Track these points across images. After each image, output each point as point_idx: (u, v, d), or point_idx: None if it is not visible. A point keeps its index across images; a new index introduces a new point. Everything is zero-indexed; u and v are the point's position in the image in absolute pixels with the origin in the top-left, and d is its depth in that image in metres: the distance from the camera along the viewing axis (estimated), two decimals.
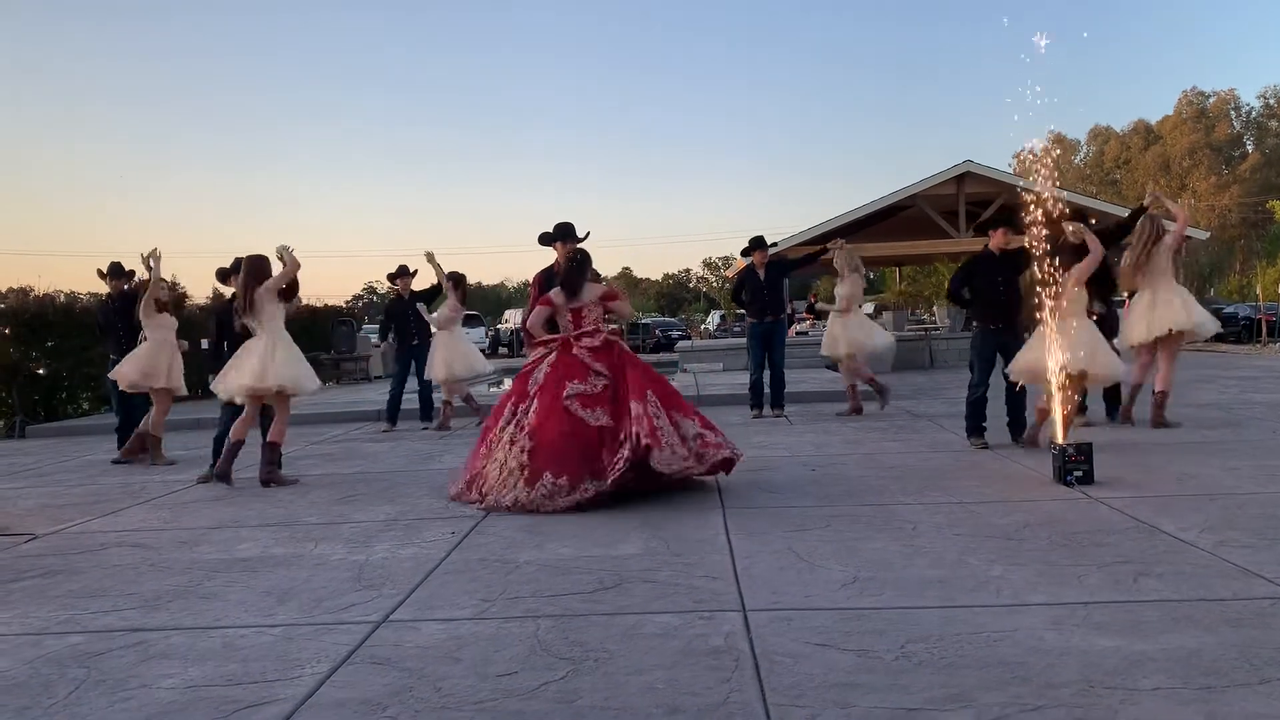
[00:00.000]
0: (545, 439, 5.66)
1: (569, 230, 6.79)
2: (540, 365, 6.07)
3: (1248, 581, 3.65)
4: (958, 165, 21.31)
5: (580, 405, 5.74)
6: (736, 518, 5.14)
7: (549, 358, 6.08)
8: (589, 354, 5.97)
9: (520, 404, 5.98)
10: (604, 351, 6.03)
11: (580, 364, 5.91)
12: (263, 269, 6.94)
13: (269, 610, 3.81)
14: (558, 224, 6.85)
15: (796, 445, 7.83)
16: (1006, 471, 6.25)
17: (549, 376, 5.93)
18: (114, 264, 8.93)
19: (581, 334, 6.12)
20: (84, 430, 11.66)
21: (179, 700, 2.91)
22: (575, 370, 5.87)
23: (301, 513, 5.82)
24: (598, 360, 5.93)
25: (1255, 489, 5.37)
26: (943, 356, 18.02)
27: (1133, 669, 2.82)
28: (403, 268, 10.47)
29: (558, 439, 5.63)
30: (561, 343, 6.13)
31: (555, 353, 6.09)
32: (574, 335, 6.11)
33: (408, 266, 10.48)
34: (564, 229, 6.80)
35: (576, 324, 6.17)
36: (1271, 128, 63.07)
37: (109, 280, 8.91)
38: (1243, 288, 43.08)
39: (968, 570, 3.95)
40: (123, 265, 8.94)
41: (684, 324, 43.30)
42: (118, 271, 8.89)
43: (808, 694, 2.75)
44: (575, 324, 6.17)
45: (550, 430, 5.67)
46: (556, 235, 6.80)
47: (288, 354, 6.87)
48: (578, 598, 3.80)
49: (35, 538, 5.42)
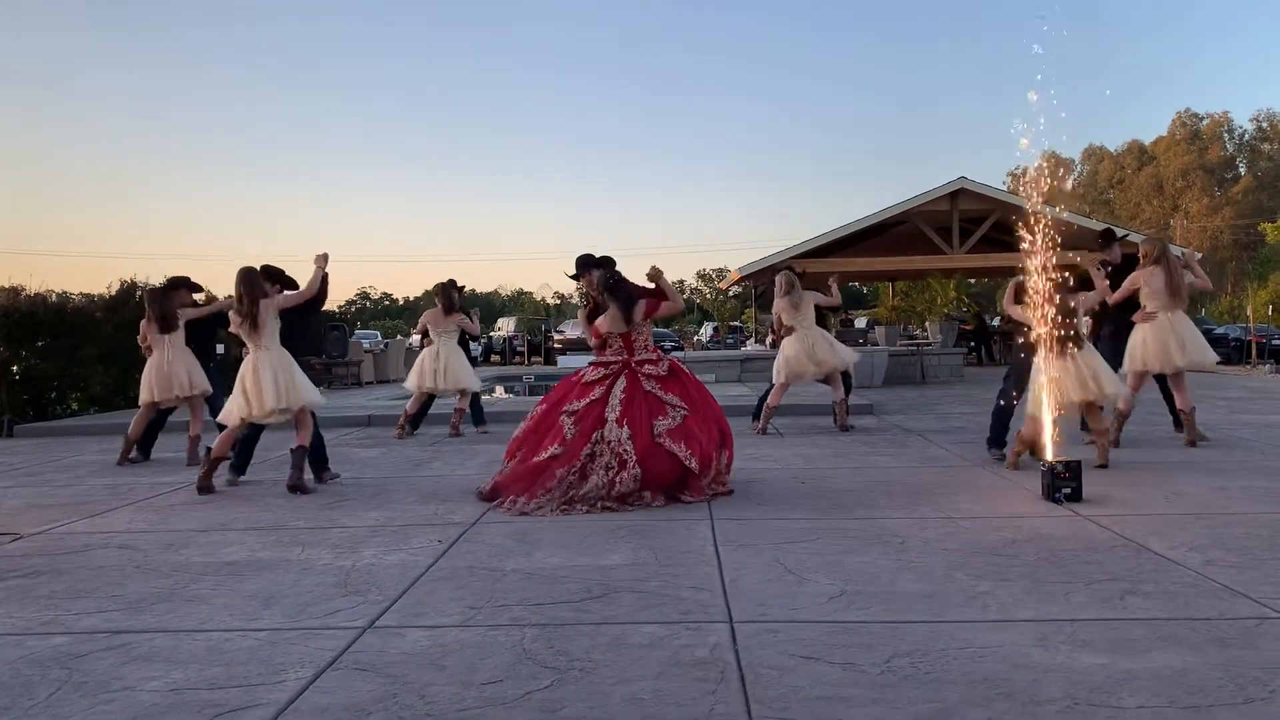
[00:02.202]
0: (653, 473, 5.85)
1: (588, 261, 6.77)
2: (612, 393, 6.09)
3: (1234, 601, 3.66)
4: (952, 182, 21.42)
5: (670, 440, 5.92)
6: (725, 529, 5.14)
7: (619, 385, 6.12)
8: (659, 386, 6.11)
9: (588, 430, 5.99)
10: (672, 381, 6.19)
11: (659, 400, 6.06)
12: (260, 280, 6.78)
13: (254, 614, 3.79)
14: (578, 258, 6.85)
15: (786, 458, 7.84)
16: (996, 488, 6.26)
17: (628, 405, 6.01)
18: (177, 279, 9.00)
19: (643, 359, 6.23)
20: (73, 430, 11.59)
21: (161, 703, 2.89)
22: (657, 409, 6.03)
23: (289, 517, 5.80)
24: (669, 392, 6.11)
25: (1243, 509, 5.38)
26: (934, 372, 18.06)
27: (1118, 687, 2.83)
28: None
29: (659, 472, 5.86)
30: (623, 365, 6.22)
31: (625, 380, 6.15)
32: (635, 360, 6.22)
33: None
34: (584, 261, 6.79)
35: (629, 348, 6.27)
36: (1264, 150, 63.54)
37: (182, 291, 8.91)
38: (1234, 309, 43.25)
39: (955, 585, 3.95)
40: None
41: (677, 335, 43.34)
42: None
43: (793, 706, 2.74)
44: (628, 348, 6.26)
45: (653, 465, 5.85)
46: (578, 269, 6.80)
47: (293, 375, 6.73)
48: (564, 607, 3.79)
49: (20, 538, 5.39)
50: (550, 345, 38.46)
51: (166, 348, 8.38)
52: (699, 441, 5.97)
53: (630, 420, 5.94)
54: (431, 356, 9.96)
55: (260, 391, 6.59)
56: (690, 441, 5.94)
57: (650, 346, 6.36)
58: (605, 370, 6.25)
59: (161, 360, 8.36)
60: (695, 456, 5.89)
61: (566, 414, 6.11)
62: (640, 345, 6.29)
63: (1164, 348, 7.79)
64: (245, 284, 6.67)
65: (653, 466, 5.83)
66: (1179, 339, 7.79)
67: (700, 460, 5.91)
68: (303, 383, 6.80)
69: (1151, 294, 7.90)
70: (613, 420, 5.96)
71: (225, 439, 6.82)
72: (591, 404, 6.09)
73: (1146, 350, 7.84)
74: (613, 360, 6.27)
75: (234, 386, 6.76)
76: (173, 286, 8.81)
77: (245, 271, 6.75)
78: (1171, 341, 7.78)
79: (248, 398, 6.62)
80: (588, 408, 6.08)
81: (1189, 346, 7.81)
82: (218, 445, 6.82)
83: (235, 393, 6.72)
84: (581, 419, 6.03)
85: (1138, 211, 61.92)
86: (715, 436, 6.14)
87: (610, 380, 6.17)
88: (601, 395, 6.11)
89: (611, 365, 6.25)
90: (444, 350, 9.98)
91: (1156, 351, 7.81)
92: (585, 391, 6.18)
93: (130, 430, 8.50)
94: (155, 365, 8.38)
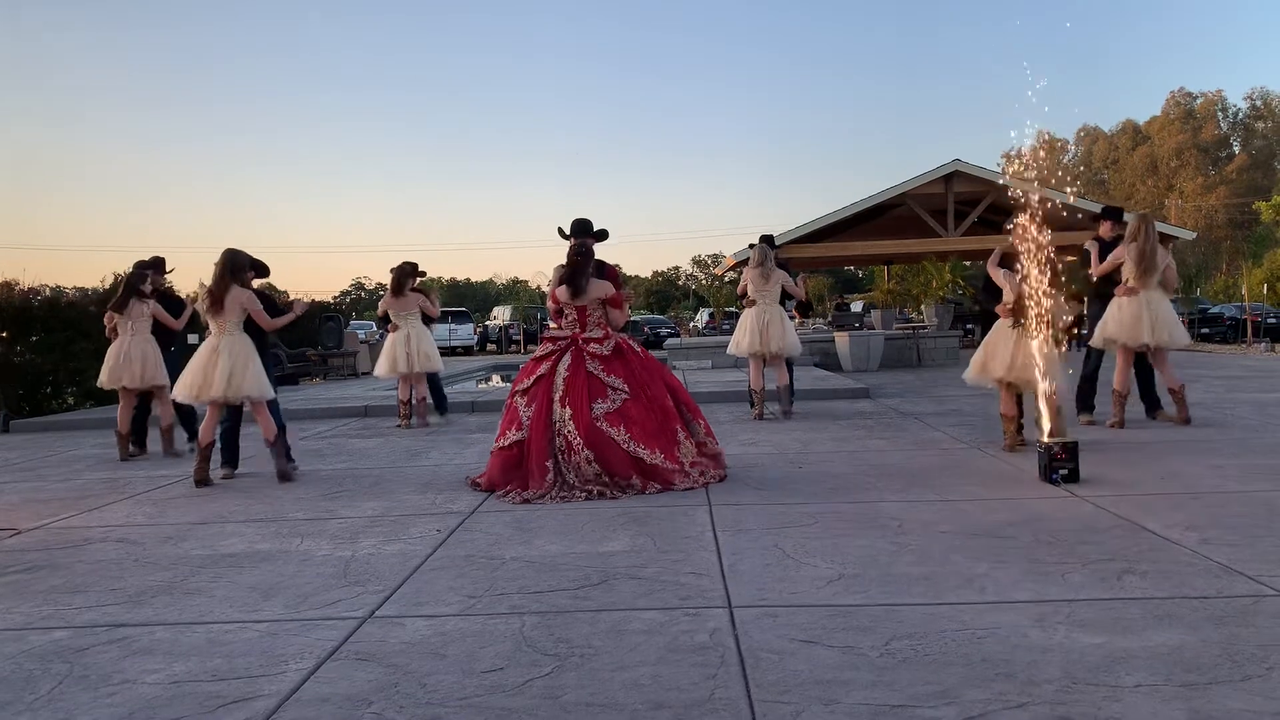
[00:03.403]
0: (603, 457, 5.84)
1: (581, 227, 6.69)
2: (557, 369, 6.12)
3: (1230, 579, 3.68)
4: (946, 164, 21.40)
5: (608, 424, 5.91)
6: (723, 514, 5.15)
7: (564, 362, 6.14)
8: (603, 367, 6.09)
9: (542, 409, 6.01)
10: (617, 361, 6.15)
11: (599, 382, 6.04)
12: (243, 265, 6.86)
13: (254, 606, 3.80)
14: (574, 219, 6.75)
15: (783, 443, 7.85)
16: (992, 470, 6.28)
17: (570, 385, 6.01)
18: (155, 258, 8.94)
19: (589, 338, 6.22)
20: (69, 425, 11.59)
21: (163, 695, 2.90)
22: (597, 390, 6.02)
23: (288, 508, 5.80)
24: (612, 374, 6.08)
25: (1239, 487, 5.40)
26: (930, 355, 18.06)
27: (1116, 666, 2.84)
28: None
29: (609, 456, 5.85)
30: (570, 341, 6.23)
31: (570, 357, 6.15)
32: (581, 337, 6.23)
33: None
34: (577, 225, 6.71)
35: (581, 322, 6.29)
36: (1258, 129, 63.51)
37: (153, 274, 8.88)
38: (1229, 288, 43.33)
39: (953, 567, 3.97)
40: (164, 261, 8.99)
41: (673, 322, 43.32)
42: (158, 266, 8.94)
43: (793, 690, 2.75)
44: (580, 322, 6.28)
45: (600, 449, 5.84)
46: (571, 231, 6.73)
47: (247, 365, 6.74)
48: (564, 594, 3.80)
49: (18, 533, 5.39)
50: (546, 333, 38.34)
51: (128, 334, 8.40)
52: (640, 425, 5.94)
53: (571, 401, 5.96)
54: (401, 340, 9.97)
55: (208, 377, 6.66)
56: (630, 425, 5.91)
57: (601, 324, 6.32)
58: (553, 345, 6.30)
59: (120, 348, 8.39)
60: (637, 440, 5.87)
61: (519, 394, 6.19)
62: (593, 323, 6.30)
63: (1135, 322, 7.81)
64: (223, 265, 6.79)
65: (599, 450, 5.82)
66: (1151, 316, 7.80)
67: (646, 444, 5.89)
68: (254, 375, 6.79)
69: (1132, 269, 7.92)
70: (557, 400, 6.00)
71: (206, 427, 6.85)
72: (539, 380, 6.14)
73: (1120, 322, 7.87)
74: (561, 336, 6.31)
75: (189, 363, 6.84)
76: (144, 268, 8.75)
77: (229, 252, 6.87)
78: (1145, 317, 7.79)
79: (195, 379, 6.69)
80: (536, 384, 6.14)
81: (1159, 326, 7.82)
82: (202, 434, 6.85)
83: (187, 369, 6.79)
84: (533, 399, 6.09)
85: (1132, 191, 61.93)
86: (660, 417, 6.07)
87: (557, 356, 6.21)
88: (548, 371, 6.15)
89: (559, 341, 6.29)
90: (412, 333, 10.01)
91: (1127, 324, 7.83)
92: (534, 368, 6.25)
93: (118, 424, 8.49)
94: (114, 351, 8.43)
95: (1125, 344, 7.92)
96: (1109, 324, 7.96)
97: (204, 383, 6.66)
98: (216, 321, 6.78)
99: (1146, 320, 7.79)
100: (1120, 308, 7.92)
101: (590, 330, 6.28)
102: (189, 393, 6.73)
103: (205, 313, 6.81)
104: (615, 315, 6.39)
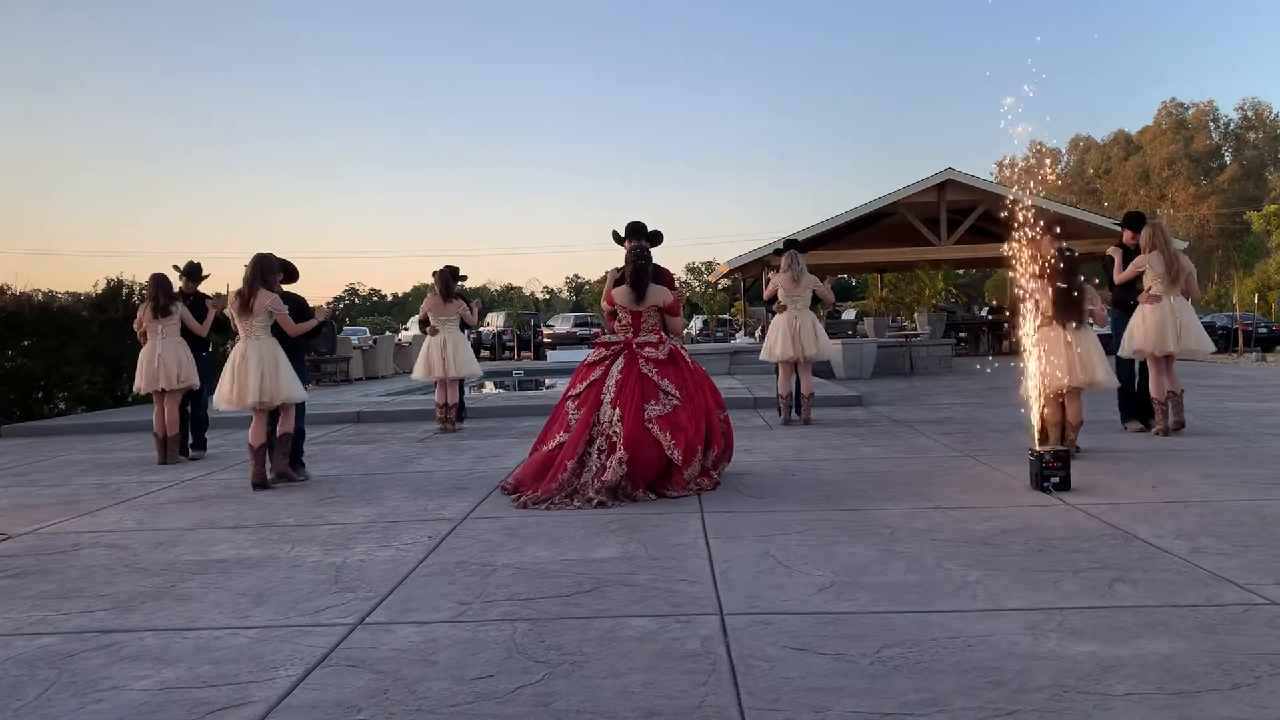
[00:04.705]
0: (639, 459, 5.84)
1: (636, 229, 6.73)
2: (610, 372, 6.15)
3: (1220, 588, 3.68)
4: (939, 173, 21.48)
5: (659, 427, 5.96)
6: (715, 522, 5.15)
7: (617, 365, 6.17)
8: (656, 370, 6.12)
9: (590, 413, 6.04)
10: (670, 367, 6.19)
11: (652, 384, 6.08)
12: (272, 269, 6.86)
13: (244, 612, 3.78)
14: (630, 222, 6.80)
15: (777, 450, 7.85)
16: (985, 478, 6.29)
17: (622, 387, 6.05)
18: (191, 264, 8.96)
19: (644, 342, 6.26)
20: (60, 430, 11.54)
21: (151, 702, 2.88)
22: (650, 392, 6.05)
23: (279, 514, 5.78)
24: (665, 378, 6.12)
25: (1230, 496, 5.41)
26: (923, 363, 18.08)
27: (1106, 674, 2.84)
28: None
29: (645, 460, 5.86)
30: (624, 345, 6.27)
31: (623, 360, 6.18)
32: (635, 341, 6.26)
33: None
34: (632, 228, 6.75)
35: (635, 327, 6.32)
36: (1249, 139, 63.80)
37: (185, 280, 8.89)
38: (1220, 297, 43.49)
39: (944, 575, 3.97)
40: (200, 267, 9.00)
41: None
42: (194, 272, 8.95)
43: (784, 698, 2.75)
44: (634, 327, 6.33)
45: (640, 451, 5.85)
46: (626, 234, 6.74)
47: (278, 369, 6.73)
48: (555, 601, 3.79)
49: (8, 538, 5.36)
50: (540, 340, 38.40)
51: (158, 337, 8.37)
52: (685, 433, 5.99)
53: (623, 403, 5.98)
54: (438, 345, 9.89)
55: (240, 384, 6.65)
56: (677, 432, 5.96)
57: (656, 329, 6.39)
58: (606, 350, 6.34)
59: (153, 351, 8.36)
60: (679, 447, 5.92)
61: (571, 398, 6.23)
62: (647, 327, 6.35)
63: (1161, 329, 7.82)
64: (254, 268, 6.77)
65: (638, 452, 5.85)
66: (1177, 324, 7.83)
67: (684, 452, 5.94)
68: (286, 377, 6.79)
69: (1155, 277, 7.95)
70: (607, 402, 6.02)
71: (256, 430, 6.81)
72: (591, 385, 6.18)
73: (1145, 330, 7.88)
74: (614, 340, 6.35)
75: (222, 371, 6.84)
76: (183, 274, 8.83)
77: (259, 256, 6.85)
78: (1169, 325, 7.82)
79: (229, 387, 6.70)
80: (588, 390, 6.17)
81: (1185, 333, 7.85)
82: (252, 436, 6.80)
83: (224, 376, 6.79)
84: (584, 402, 6.12)
85: (1124, 201, 62.07)
86: (703, 430, 6.15)
87: (610, 360, 6.25)
88: (600, 376, 6.19)
89: (613, 345, 6.34)
90: (450, 338, 9.93)
91: (1153, 333, 7.84)
92: (587, 373, 6.29)
93: (154, 427, 8.46)
94: (146, 355, 8.40)
95: (1153, 353, 7.94)
96: (1135, 334, 7.98)
97: (240, 390, 6.66)
98: (244, 325, 6.75)
99: (1171, 328, 7.82)
100: (1145, 316, 7.93)
101: (644, 334, 6.32)
102: (228, 401, 6.72)
103: (234, 316, 6.80)
104: (674, 322, 6.48)
